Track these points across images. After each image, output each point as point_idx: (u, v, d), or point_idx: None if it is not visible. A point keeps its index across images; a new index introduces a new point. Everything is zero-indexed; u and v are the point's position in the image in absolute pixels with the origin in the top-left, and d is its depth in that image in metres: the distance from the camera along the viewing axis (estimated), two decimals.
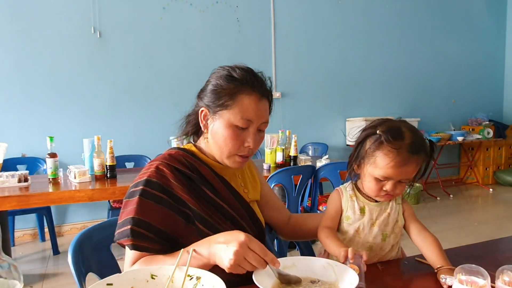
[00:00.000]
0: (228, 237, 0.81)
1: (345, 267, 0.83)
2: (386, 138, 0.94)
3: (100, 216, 3.62)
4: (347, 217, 1.04)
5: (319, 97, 4.60)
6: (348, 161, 1.06)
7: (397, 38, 4.98)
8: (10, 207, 2.11)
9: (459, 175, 5.65)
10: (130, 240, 0.88)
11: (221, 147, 0.98)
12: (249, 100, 0.95)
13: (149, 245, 0.90)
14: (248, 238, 0.79)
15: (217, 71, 1.01)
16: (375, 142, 0.96)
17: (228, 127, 0.96)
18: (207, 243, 0.84)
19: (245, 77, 0.97)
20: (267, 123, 1.00)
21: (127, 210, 0.92)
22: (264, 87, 0.99)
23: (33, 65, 3.44)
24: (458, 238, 3.27)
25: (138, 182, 0.95)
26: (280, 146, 2.99)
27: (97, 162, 2.46)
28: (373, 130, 0.98)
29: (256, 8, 4.22)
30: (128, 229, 0.88)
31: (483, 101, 5.64)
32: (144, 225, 0.89)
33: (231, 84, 0.96)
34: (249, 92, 0.96)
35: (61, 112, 3.53)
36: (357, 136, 1.03)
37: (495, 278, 0.77)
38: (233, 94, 0.95)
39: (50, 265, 2.90)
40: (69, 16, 3.52)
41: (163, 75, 3.84)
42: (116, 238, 0.92)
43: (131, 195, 0.94)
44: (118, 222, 0.93)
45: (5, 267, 0.52)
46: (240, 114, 0.95)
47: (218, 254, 0.80)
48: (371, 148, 0.97)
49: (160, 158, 1.01)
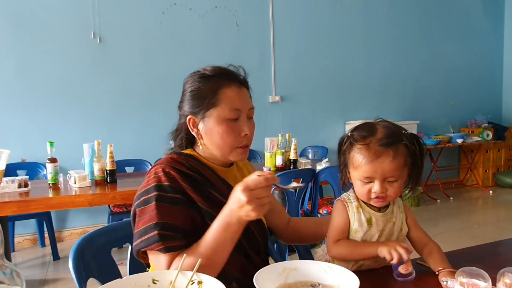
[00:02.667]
0: (231, 201, 0.85)
1: (346, 271, 0.83)
2: (356, 137, 0.95)
3: (100, 221, 3.61)
4: (355, 231, 0.98)
5: (319, 100, 4.61)
6: (339, 172, 1.04)
7: (395, 41, 4.99)
8: (10, 212, 2.11)
9: (459, 177, 5.65)
10: (160, 244, 0.87)
11: (220, 145, 0.99)
12: (231, 91, 0.98)
13: (180, 242, 0.89)
14: (244, 185, 0.82)
15: (189, 79, 1.04)
16: (349, 144, 0.97)
17: (221, 123, 0.97)
18: (225, 217, 0.87)
19: (219, 71, 1.01)
20: (253, 109, 1.04)
21: (145, 218, 0.91)
22: (239, 76, 1.03)
23: (33, 70, 3.45)
24: (459, 240, 3.27)
25: (148, 188, 0.94)
26: (280, 150, 3.00)
27: (97, 167, 2.46)
28: (346, 135, 0.99)
29: (255, 12, 4.24)
30: (156, 234, 0.88)
31: (482, 104, 5.64)
32: (169, 227, 0.89)
33: (209, 82, 0.99)
34: (229, 83, 0.99)
35: (61, 117, 3.54)
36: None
37: (496, 281, 0.77)
38: (214, 91, 0.98)
39: (50, 271, 2.89)
40: (69, 21, 3.53)
41: (162, 80, 3.85)
42: (142, 246, 0.90)
43: (145, 202, 0.92)
44: (136, 232, 0.91)
45: (8, 274, 0.52)
46: (228, 106, 0.97)
47: (241, 214, 0.84)
48: (347, 151, 0.97)
49: (163, 162, 1.00)
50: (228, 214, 0.86)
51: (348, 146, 0.97)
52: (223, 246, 0.88)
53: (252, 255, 1.02)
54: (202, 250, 0.88)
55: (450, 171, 5.54)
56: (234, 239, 0.89)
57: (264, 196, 0.83)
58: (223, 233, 0.87)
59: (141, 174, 3.00)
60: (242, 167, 1.16)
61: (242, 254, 1.00)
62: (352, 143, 0.96)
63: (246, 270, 0.96)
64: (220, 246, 0.87)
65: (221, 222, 0.87)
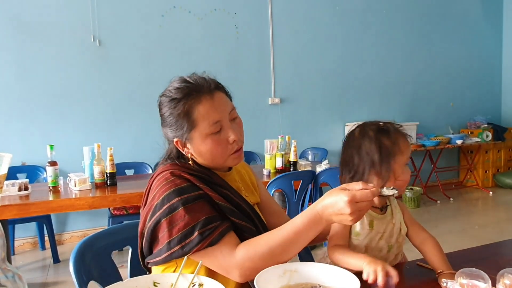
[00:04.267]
0: (328, 203, 0.84)
1: (347, 272, 0.84)
2: (393, 127, 1.02)
3: (101, 224, 3.61)
4: (357, 233, 1.00)
5: (318, 102, 4.61)
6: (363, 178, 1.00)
7: (394, 42, 5.00)
8: (10, 215, 2.11)
9: (458, 178, 5.65)
10: (206, 239, 0.87)
11: (213, 159, 0.98)
12: (203, 106, 0.95)
13: (223, 226, 0.90)
14: (351, 196, 0.80)
15: (160, 102, 1.01)
16: (389, 135, 1.00)
17: (205, 139, 0.96)
18: (315, 217, 0.86)
19: (184, 90, 0.96)
20: (234, 109, 1.00)
21: (178, 225, 0.89)
22: (207, 83, 0.98)
23: (33, 74, 3.45)
24: (459, 242, 3.27)
25: (167, 195, 0.92)
26: (279, 152, 3.00)
27: (97, 169, 2.46)
28: (379, 131, 1.01)
29: (254, 15, 4.25)
30: (197, 235, 0.87)
31: (481, 104, 5.65)
32: (206, 222, 0.89)
33: (179, 106, 0.95)
34: (198, 99, 0.95)
35: (61, 120, 3.54)
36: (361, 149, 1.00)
37: (496, 282, 0.77)
38: (187, 113, 0.95)
39: (51, 274, 2.89)
40: (69, 24, 3.54)
41: (162, 83, 3.80)
42: (186, 250, 0.87)
43: (170, 210, 0.90)
44: (172, 239, 0.89)
45: (10, 277, 0.52)
46: (206, 122, 0.94)
47: (334, 219, 0.84)
48: (391, 141, 0.99)
49: (168, 167, 0.99)
50: (319, 213, 0.86)
51: (392, 137, 1.00)
52: (303, 240, 0.88)
53: None
54: (278, 241, 0.87)
55: (449, 172, 5.54)
56: (314, 236, 0.89)
57: (366, 209, 0.84)
58: (307, 229, 0.87)
59: (141, 177, 3.00)
60: (240, 169, 1.17)
61: None
62: (392, 132, 1.01)
63: None
64: (300, 240, 0.88)
65: (309, 218, 0.87)
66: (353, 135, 1.04)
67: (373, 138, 1.00)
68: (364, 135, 1.01)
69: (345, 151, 1.05)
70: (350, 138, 1.05)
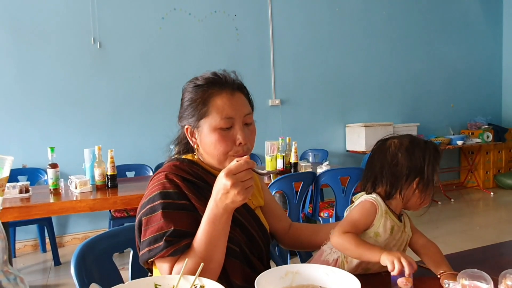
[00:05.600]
0: (214, 191, 0.86)
1: (348, 274, 0.83)
2: (433, 145, 1.03)
3: (102, 226, 3.60)
4: (377, 234, 0.99)
5: (318, 103, 4.61)
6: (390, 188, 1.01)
7: (395, 43, 5.01)
8: (11, 218, 2.11)
9: (459, 179, 5.65)
10: (165, 251, 0.88)
11: (214, 154, 0.98)
12: (221, 99, 0.96)
13: (181, 245, 0.90)
14: (226, 170, 0.83)
15: (185, 87, 1.03)
16: (430, 150, 1.01)
17: (213, 132, 0.96)
18: (212, 210, 0.87)
19: (209, 80, 0.99)
20: (250, 114, 1.01)
21: (153, 227, 0.90)
22: (232, 82, 1.00)
23: (33, 76, 3.46)
24: (460, 243, 3.26)
25: (153, 196, 0.94)
26: (280, 153, 3.00)
27: (98, 171, 2.46)
28: (417, 143, 1.02)
29: (254, 17, 4.26)
30: (163, 243, 0.88)
31: (482, 105, 5.65)
32: (176, 233, 0.89)
33: (199, 92, 0.98)
34: (219, 91, 0.97)
35: (62, 123, 3.54)
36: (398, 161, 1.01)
37: (498, 283, 0.77)
38: (205, 100, 0.97)
39: (52, 276, 2.89)
40: (69, 27, 3.54)
41: (163, 84, 3.86)
42: (151, 255, 0.89)
43: (151, 211, 0.92)
44: (144, 240, 0.91)
45: (12, 280, 0.52)
46: (219, 115, 0.95)
47: (227, 202, 0.84)
48: (432, 157, 1.00)
49: (166, 169, 1.00)
50: (214, 206, 0.87)
51: (431, 151, 1.01)
52: (216, 239, 0.88)
53: (255, 262, 1.02)
54: (198, 248, 0.88)
55: (450, 173, 5.54)
56: (226, 230, 0.89)
57: (248, 179, 0.84)
58: (212, 227, 0.87)
59: (141, 179, 3.00)
60: None
61: (245, 262, 0.99)
62: (432, 148, 1.02)
63: (249, 277, 0.96)
64: (213, 240, 0.88)
65: (209, 216, 0.87)
66: (393, 147, 1.03)
67: (422, 152, 1.00)
68: (408, 149, 1.01)
69: (378, 160, 1.04)
70: (388, 149, 1.04)
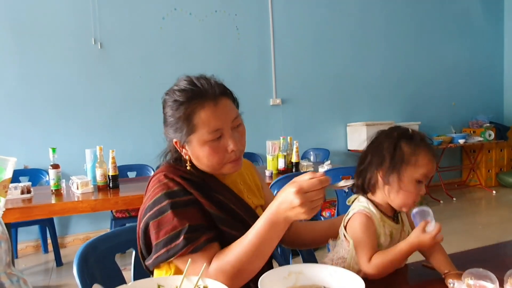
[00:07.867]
0: (280, 200, 0.82)
1: (352, 274, 0.83)
2: (421, 137, 0.97)
3: (103, 226, 3.61)
4: (379, 245, 0.96)
5: (320, 103, 4.61)
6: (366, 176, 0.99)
7: (396, 42, 5.00)
8: (13, 219, 2.11)
9: (461, 177, 5.64)
10: (189, 246, 0.87)
11: (209, 165, 0.97)
12: (205, 112, 0.92)
13: (206, 237, 0.89)
14: (297, 187, 0.79)
15: (164, 100, 1.00)
16: (412, 143, 0.96)
17: (203, 146, 0.94)
18: (272, 216, 0.84)
19: (189, 94, 0.94)
20: (238, 117, 0.97)
21: (166, 228, 0.89)
22: (213, 89, 0.94)
23: (34, 77, 3.46)
24: (463, 242, 3.25)
25: (158, 198, 0.92)
26: (281, 153, 2.99)
27: (100, 172, 2.46)
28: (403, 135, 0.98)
29: (255, 16, 4.25)
30: (182, 240, 0.87)
31: (483, 103, 5.64)
32: (193, 228, 0.89)
33: (181, 109, 0.93)
34: (201, 104, 0.93)
35: (63, 123, 3.55)
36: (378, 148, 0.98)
37: (503, 282, 0.76)
38: (188, 117, 0.93)
39: (54, 277, 2.89)
40: (70, 27, 3.54)
41: (163, 84, 3.80)
42: (170, 254, 0.88)
43: (159, 213, 0.91)
44: (159, 242, 0.89)
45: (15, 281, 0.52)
46: (206, 129, 0.92)
47: (290, 215, 0.82)
48: (410, 149, 0.95)
49: (163, 169, 0.99)
50: (275, 212, 0.84)
51: (412, 145, 0.96)
52: (267, 244, 0.86)
53: None
54: (244, 248, 0.86)
55: (452, 172, 5.52)
56: (279, 238, 0.87)
57: (318, 199, 0.81)
58: (268, 232, 0.85)
59: (143, 179, 3.00)
60: (243, 171, 1.14)
61: None
62: (419, 142, 0.96)
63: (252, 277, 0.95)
64: (264, 244, 0.86)
65: (266, 220, 0.85)
66: (380, 133, 1.02)
67: (395, 139, 0.97)
68: (388, 134, 0.99)
69: (367, 147, 1.02)
70: (377, 136, 1.02)
